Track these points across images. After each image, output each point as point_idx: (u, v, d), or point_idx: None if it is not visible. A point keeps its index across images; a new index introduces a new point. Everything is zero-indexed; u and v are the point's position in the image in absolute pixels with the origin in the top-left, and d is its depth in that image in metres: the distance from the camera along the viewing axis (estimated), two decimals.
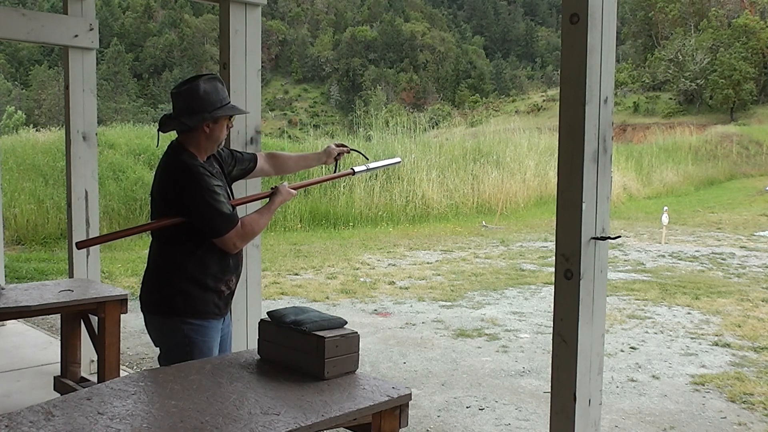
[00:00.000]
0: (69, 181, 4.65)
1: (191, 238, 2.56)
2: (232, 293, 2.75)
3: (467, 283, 8.94)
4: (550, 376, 2.43)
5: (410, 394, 2.19)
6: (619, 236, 2.62)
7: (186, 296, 2.57)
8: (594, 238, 2.35)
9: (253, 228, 2.63)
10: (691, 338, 6.31)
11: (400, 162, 3.30)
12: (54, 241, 11.78)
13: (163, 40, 71.80)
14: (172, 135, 2.70)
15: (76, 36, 4.53)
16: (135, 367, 5.19)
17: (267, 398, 2.05)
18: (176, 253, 2.59)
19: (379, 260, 10.69)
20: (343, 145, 3.09)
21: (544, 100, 56.37)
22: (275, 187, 2.74)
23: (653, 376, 5.20)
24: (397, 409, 2.15)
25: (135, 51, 70.79)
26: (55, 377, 4.18)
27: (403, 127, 19.54)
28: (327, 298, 7.96)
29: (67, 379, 4.06)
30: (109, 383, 2.18)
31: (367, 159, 3.23)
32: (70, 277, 4.65)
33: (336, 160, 3.08)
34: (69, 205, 4.64)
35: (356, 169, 3.02)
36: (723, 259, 10.82)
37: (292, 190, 2.76)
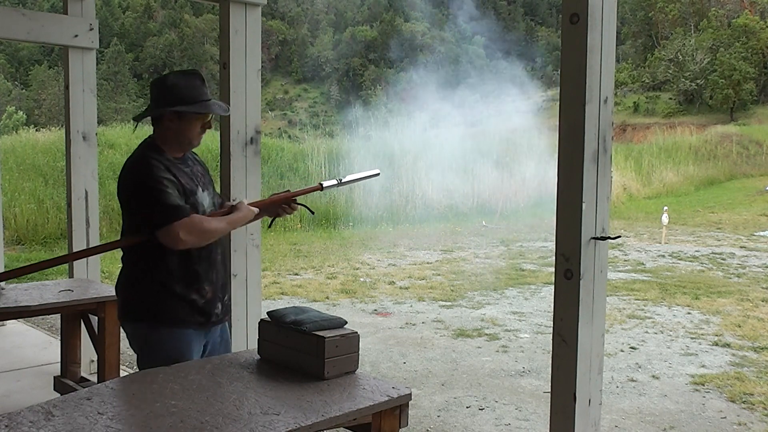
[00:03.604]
0: (69, 181, 4.65)
1: (158, 243, 2.40)
2: (211, 303, 2.55)
3: (467, 283, 8.94)
4: (550, 376, 2.43)
5: (410, 394, 2.19)
6: (619, 236, 2.62)
7: (153, 302, 2.47)
8: (594, 238, 2.35)
9: (203, 224, 2.40)
10: (691, 338, 6.31)
11: (378, 174, 2.97)
12: (54, 241, 11.78)
13: (163, 40, 71.73)
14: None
15: (76, 36, 4.53)
16: (135, 367, 5.19)
17: (267, 398, 2.05)
18: (143, 258, 2.47)
19: (379, 260, 10.69)
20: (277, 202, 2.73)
21: (544, 100, 56.35)
22: (234, 204, 2.56)
23: (653, 376, 5.20)
24: (397, 409, 2.15)
25: (135, 51, 70.71)
26: (55, 377, 4.18)
27: (403, 127, 19.53)
28: (327, 298, 7.96)
29: (67, 379, 4.06)
30: (109, 383, 2.18)
31: (312, 213, 2.99)
32: (70, 277, 4.65)
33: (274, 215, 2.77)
34: (69, 205, 4.64)
35: (325, 183, 2.75)
36: (723, 259, 10.82)
37: (253, 208, 2.58)
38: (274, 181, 16.10)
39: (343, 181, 2.75)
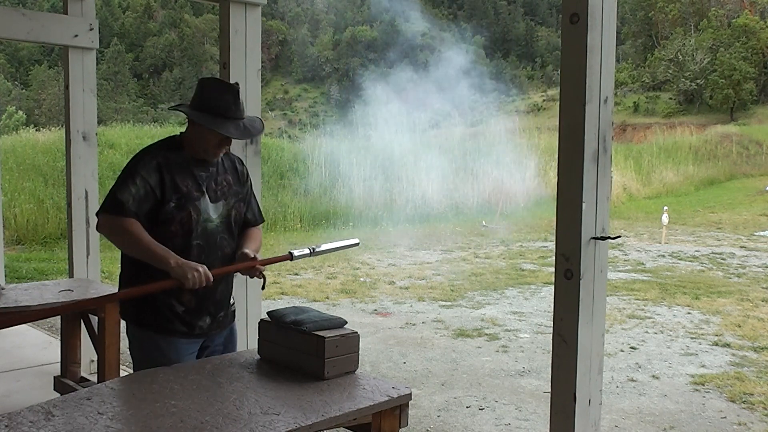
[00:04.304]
0: (69, 181, 4.66)
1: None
2: (193, 314, 2.46)
3: (467, 283, 8.94)
4: (550, 376, 2.43)
5: (410, 394, 2.19)
6: (619, 236, 2.62)
7: (137, 306, 2.46)
8: (594, 238, 2.35)
9: (132, 231, 2.29)
10: (691, 338, 6.31)
11: (358, 244, 2.80)
12: (54, 241, 11.78)
13: (163, 40, 71.79)
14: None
15: (76, 36, 4.53)
16: None
17: (267, 398, 2.05)
18: (131, 261, 2.44)
19: (379, 260, 10.69)
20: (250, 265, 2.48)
21: (544, 100, 56.37)
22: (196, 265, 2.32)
23: (653, 376, 5.20)
24: (397, 409, 2.15)
25: (135, 51, 70.76)
26: (55, 377, 4.18)
27: (403, 127, 19.54)
28: (327, 298, 7.96)
29: (67, 379, 4.06)
30: (109, 383, 2.18)
31: (263, 288, 2.63)
32: (70, 277, 4.65)
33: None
34: (69, 205, 4.65)
35: (296, 253, 2.53)
36: (723, 259, 10.82)
37: (211, 277, 2.35)
38: (274, 181, 16.11)
39: (316, 250, 2.56)
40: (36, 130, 20.57)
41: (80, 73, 4.59)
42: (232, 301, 2.69)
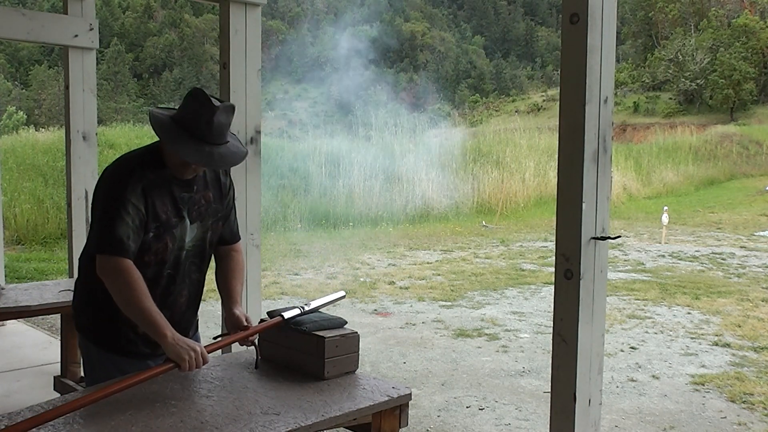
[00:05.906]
0: (69, 181, 4.66)
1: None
2: (149, 338, 2.19)
3: (467, 283, 8.94)
4: (550, 376, 2.43)
5: (410, 394, 2.19)
6: (619, 236, 2.62)
7: (93, 323, 2.30)
8: (594, 238, 2.35)
9: (135, 287, 2.07)
10: (691, 338, 6.32)
11: (344, 296, 2.76)
12: (54, 241, 11.78)
13: (163, 40, 71.82)
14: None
15: (76, 36, 4.54)
16: None
17: (267, 398, 2.05)
18: (91, 278, 2.21)
19: (379, 260, 10.68)
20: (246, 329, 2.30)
21: (544, 100, 56.36)
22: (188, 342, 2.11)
23: (653, 376, 5.20)
24: (397, 409, 2.15)
25: (135, 51, 70.77)
26: (55, 377, 4.18)
27: (403, 127, 19.54)
28: None
29: (67, 379, 4.06)
30: (109, 382, 2.18)
31: (257, 367, 2.37)
32: (70, 277, 4.66)
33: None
34: (69, 205, 4.65)
35: (287, 315, 2.39)
36: (723, 259, 10.82)
37: (207, 357, 2.13)
38: (274, 181, 16.11)
39: (306, 309, 2.46)
40: (36, 130, 20.56)
41: (80, 73, 4.60)
42: (197, 318, 2.54)
